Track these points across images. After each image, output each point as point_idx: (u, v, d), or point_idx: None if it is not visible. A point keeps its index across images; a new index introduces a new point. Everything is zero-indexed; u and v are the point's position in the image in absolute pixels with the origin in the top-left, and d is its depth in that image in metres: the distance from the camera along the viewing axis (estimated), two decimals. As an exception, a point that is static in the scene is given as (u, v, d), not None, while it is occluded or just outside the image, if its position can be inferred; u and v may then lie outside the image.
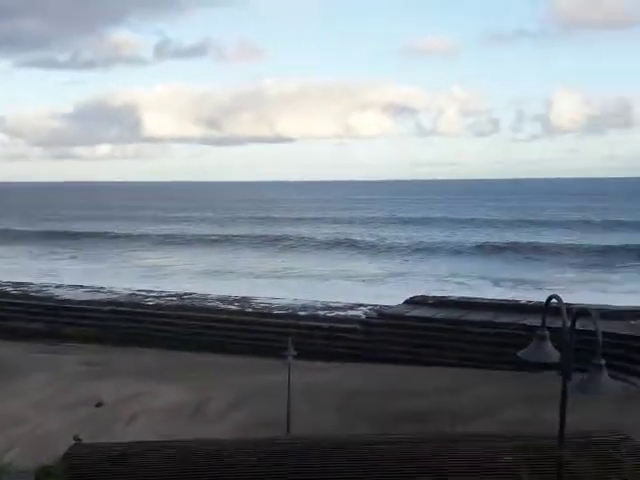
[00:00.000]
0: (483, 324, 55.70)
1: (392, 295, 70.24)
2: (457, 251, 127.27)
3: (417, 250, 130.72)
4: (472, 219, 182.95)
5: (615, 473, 8.50)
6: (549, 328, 11.32)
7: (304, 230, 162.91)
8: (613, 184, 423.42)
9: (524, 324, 48.69)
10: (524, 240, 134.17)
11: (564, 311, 10.62)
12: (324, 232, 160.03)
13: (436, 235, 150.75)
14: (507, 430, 22.23)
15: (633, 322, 55.52)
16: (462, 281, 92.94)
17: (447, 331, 55.10)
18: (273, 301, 67.96)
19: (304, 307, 65.44)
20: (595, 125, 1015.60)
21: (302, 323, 59.47)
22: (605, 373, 9.91)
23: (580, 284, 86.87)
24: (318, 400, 39.54)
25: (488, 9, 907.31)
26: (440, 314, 59.40)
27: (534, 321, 43.34)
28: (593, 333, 10.23)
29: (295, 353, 35.79)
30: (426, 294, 67.70)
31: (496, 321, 55.58)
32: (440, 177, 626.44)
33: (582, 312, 10.55)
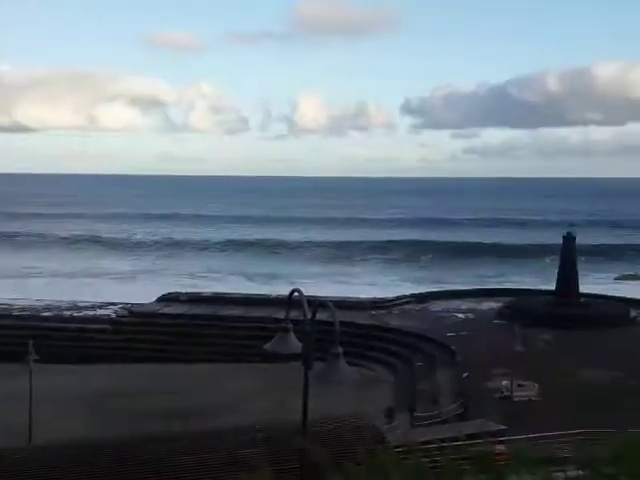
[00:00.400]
0: (236, 319, 56.83)
1: (143, 293, 69.00)
2: (205, 247, 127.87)
3: (167, 246, 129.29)
4: (221, 215, 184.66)
5: (350, 457, 9.05)
6: (297, 320, 11.85)
7: (45, 226, 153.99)
8: (352, 183, 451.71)
9: (274, 317, 50.31)
10: (272, 236, 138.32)
11: (305, 304, 11.15)
12: (68, 228, 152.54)
13: (185, 231, 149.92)
14: (256, 421, 22.85)
15: (373, 312, 59.91)
16: (215, 277, 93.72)
17: (201, 327, 55.42)
18: (12, 302, 63.78)
19: (48, 307, 62.15)
20: (336, 127, 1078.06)
21: (47, 324, 56.49)
22: (342, 361, 10.56)
23: (325, 277, 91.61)
24: (66, 404, 37.81)
25: (234, 7, 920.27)
26: (193, 310, 59.61)
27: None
28: (342, 324, 10.87)
29: (37, 357, 33.94)
30: (179, 291, 67.62)
31: (248, 315, 56.98)
32: (190, 173, 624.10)
33: (322, 304, 11.16)
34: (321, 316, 11.72)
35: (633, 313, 56.21)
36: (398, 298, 64.00)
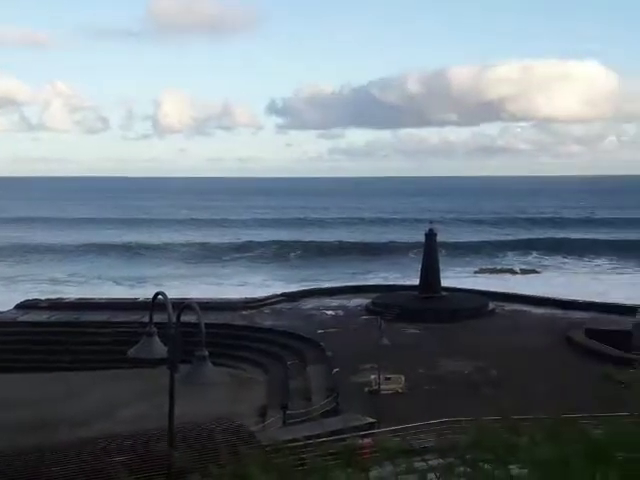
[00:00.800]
0: (101, 324, 55.02)
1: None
2: (65, 251, 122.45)
3: (22, 251, 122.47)
4: (81, 218, 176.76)
5: (217, 460, 8.96)
6: (163, 324, 11.62)
7: None
8: (219, 183, 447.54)
9: (141, 322, 49.11)
10: (135, 238, 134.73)
11: (169, 307, 10.97)
12: None
13: (42, 235, 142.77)
14: (126, 429, 22.28)
15: (245, 312, 59.71)
16: (79, 281, 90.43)
17: (63, 334, 53.23)
18: None
19: None
20: (202, 126, 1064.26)
21: None
22: (208, 363, 10.45)
23: (194, 278, 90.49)
24: None
25: (90, 3, 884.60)
26: (55, 317, 57.22)
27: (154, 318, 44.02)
28: (207, 325, 10.76)
29: None
30: (39, 297, 64.73)
31: (114, 320, 55.31)
32: (48, 174, 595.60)
33: (188, 306, 11.00)
34: (190, 318, 11.56)
35: (491, 305, 58.94)
36: (269, 297, 64.13)
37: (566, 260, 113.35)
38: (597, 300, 61.42)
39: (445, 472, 7.12)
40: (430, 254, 60.52)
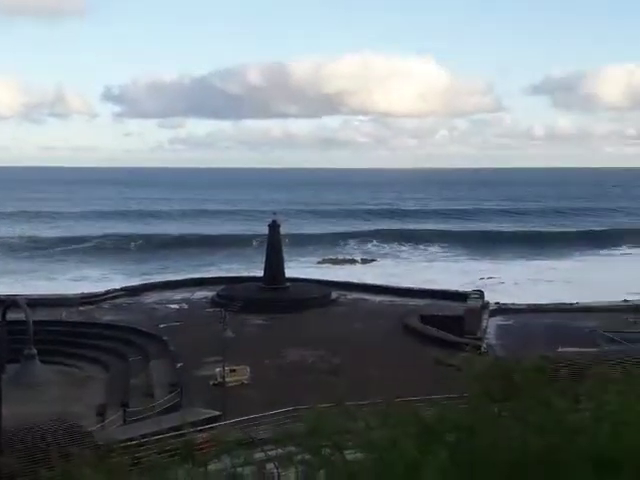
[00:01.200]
0: None
1: None
2: None
3: None
4: None
5: (45, 463, 8.50)
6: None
7: None
8: (52, 173, 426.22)
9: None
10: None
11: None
12: None
13: None
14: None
15: (82, 308, 57.04)
16: None
17: None
18: None
19: None
20: (32, 113, 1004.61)
21: None
22: (37, 362, 9.91)
23: (25, 274, 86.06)
24: None
25: None
26: None
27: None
28: (40, 323, 10.24)
29: None
30: None
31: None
32: None
33: (14, 303, 10.36)
34: (20, 316, 10.91)
35: (334, 294, 60.24)
36: (108, 292, 61.96)
37: (403, 249, 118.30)
38: (431, 287, 64.41)
39: (284, 461, 7.16)
40: (274, 245, 60.90)
